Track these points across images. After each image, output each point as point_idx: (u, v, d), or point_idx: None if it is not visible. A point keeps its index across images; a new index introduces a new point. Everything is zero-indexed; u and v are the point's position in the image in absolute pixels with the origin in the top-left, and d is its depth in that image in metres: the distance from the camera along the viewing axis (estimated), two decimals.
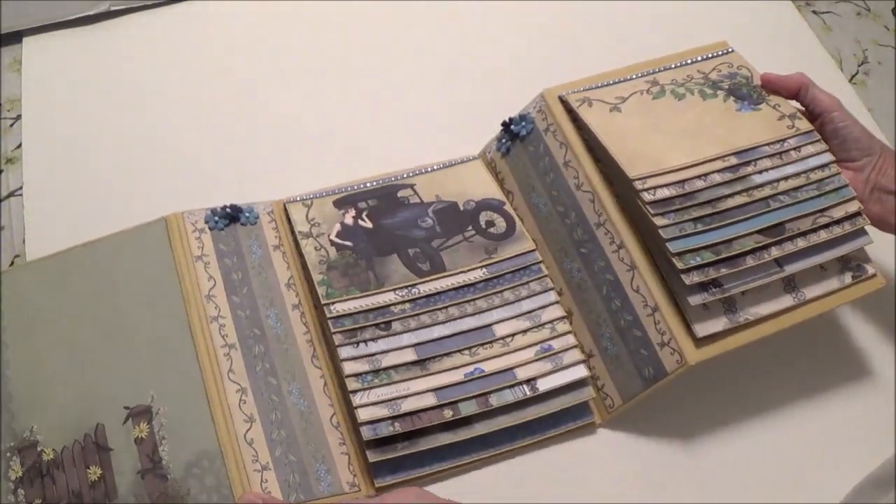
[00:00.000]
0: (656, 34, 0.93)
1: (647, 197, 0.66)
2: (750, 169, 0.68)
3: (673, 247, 0.64)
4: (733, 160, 0.68)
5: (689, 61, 0.77)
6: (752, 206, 0.66)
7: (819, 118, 0.71)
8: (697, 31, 0.91)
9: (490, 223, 0.75)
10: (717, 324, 0.65)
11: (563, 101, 0.74)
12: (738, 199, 0.66)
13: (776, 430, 0.72)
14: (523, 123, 0.76)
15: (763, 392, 0.73)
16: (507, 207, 0.76)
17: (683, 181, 0.67)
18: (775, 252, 0.66)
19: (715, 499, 0.68)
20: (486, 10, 0.95)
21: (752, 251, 0.65)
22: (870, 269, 0.69)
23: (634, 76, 0.76)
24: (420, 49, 0.92)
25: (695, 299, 0.64)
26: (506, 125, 0.78)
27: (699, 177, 0.67)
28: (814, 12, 1.00)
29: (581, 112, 0.72)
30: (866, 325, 0.77)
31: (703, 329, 0.65)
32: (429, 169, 0.79)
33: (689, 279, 0.64)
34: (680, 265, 0.64)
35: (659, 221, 0.65)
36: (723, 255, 0.65)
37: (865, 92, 0.94)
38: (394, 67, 0.90)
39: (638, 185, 0.66)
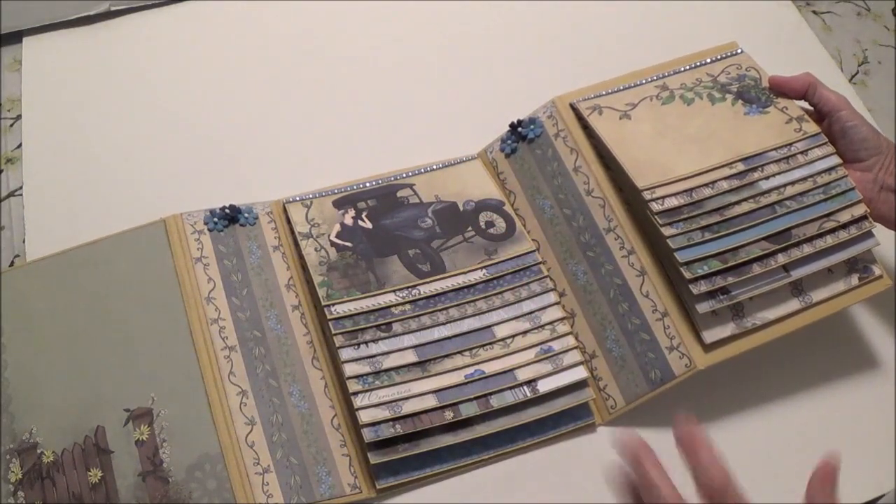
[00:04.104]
0: (657, 33, 0.93)
1: (656, 207, 0.66)
2: (757, 175, 0.68)
3: (681, 256, 0.65)
4: (740, 166, 0.68)
5: (698, 64, 0.77)
6: (759, 213, 0.67)
7: (827, 118, 0.71)
8: (697, 31, 0.92)
9: (490, 223, 0.74)
10: (725, 329, 0.66)
11: (574, 109, 0.74)
12: (745, 206, 0.67)
13: (779, 430, 0.72)
14: (532, 126, 0.76)
15: (765, 391, 0.73)
16: (507, 207, 0.76)
17: (691, 189, 0.67)
18: (782, 259, 0.66)
19: None
20: (485, 11, 0.95)
21: (759, 258, 0.66)
22: (876, 271, 0.69)
23: (644, 81, 0.76)
24: (419, 50, 0.92)
25: (703, 307, 0.65)
26: (513, 126, 0.78)
27: (707, 184, 0.67)
28: (814, 12, 1.00)
29: (591, 120, 0.72)
30: (875, 325, 0.77)
31: (711, 335, 0.66)
32: (428, 168, 0.79)
33: (696, 288, 0.65)
34: (688, 275, 0.64)
35: (667, 231, 0.66)
36: (729, 264, 0.65)
37: (865, 92, 0.94)
38: (392, 68, 0.90)
39: (647, 195, 0.67)
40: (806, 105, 0.73)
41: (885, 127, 0.90)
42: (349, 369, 0.65)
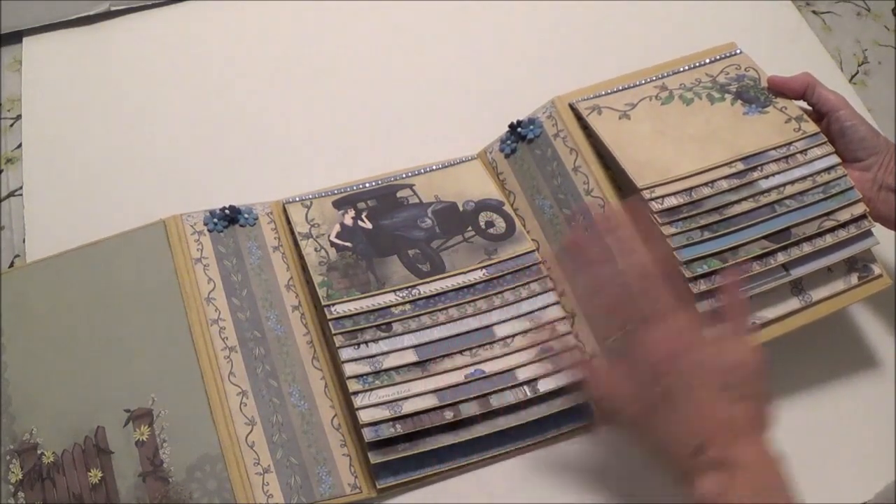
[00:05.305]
0: (656, 33, 0.93)
1: (656, 206, 0.66)
2: (756, 174, 0.68)
3: (681, 255, 0.65)
4: (740, 166, 0.68)
5: (697, 64, 0.77)
6: (759, 212, 0.67)
7: (826, 117, 0.71)
8: (697, 31, 0.91)
9: (490, 223, 0.75)
10: None
11: (573, 109, 0.74)
12: (745, 206, 0.67)
13: (778, 428, 0.72)
14: (531, 127, 0.76)
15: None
16: (507, 207, 0.76)
17: (691, 189, 0.67)
18: (781, 258, 0.66)
19: None
20: (485, 11, 0.95)
21: (759, 257, 0.66)
22: (876, 270, 0.70)
23: (643, 81, 0.76)
24: (419, 50, 0.92)
25: (702, 306, 0.65)
26: (513, 127, 0.78)
27: (706, 184, 0.68)
28: (814, 12, 1.00)
29: (591, 120, 0.72)
30: (874, 324, 0.77)
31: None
32: (428, 169, 0.79)
33: (696, 287, 0.65)
34: (687, 273, 0.65)
35: (667, 230, 0.66)
36: (729, 263, 0.65)
37: (865, 92, 0.94)
38: (392, 68, 0.90)
39: (646, 194, 0.67)
40: (805, 105, 0.73)
41: (884, 127, 0.90)
42: (349, 369, 0.65)
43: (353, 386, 0.65)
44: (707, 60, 0.77)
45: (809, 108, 0.73)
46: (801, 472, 0.70)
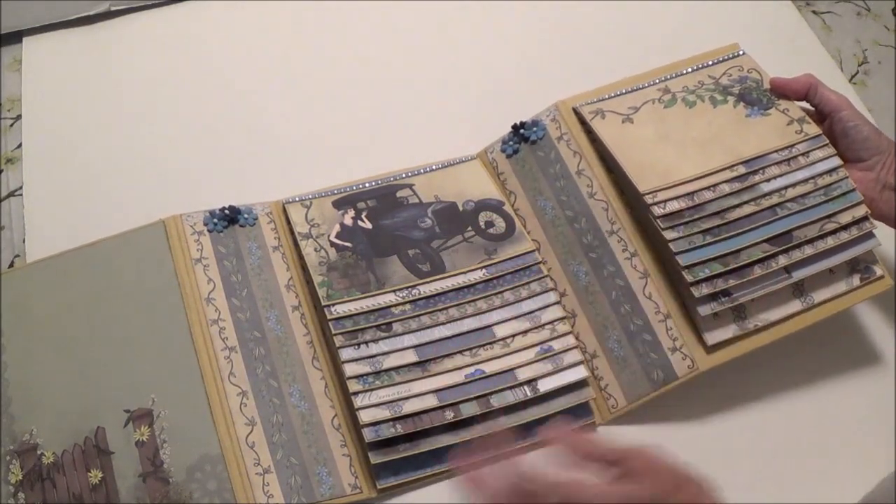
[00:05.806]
0: (655, 34, 0.93)
1: (658, 211, 0.66)
2: (758, 177, 0.68)
3: (682, 260, 0.65)
4: (742, 169, 0.68)
5: (700, 66, 0.77)
6: (760, 215, 0.67)
7: (828, 118, 0.71)
8: (697, 32, 0.91)
9: (489, 223, 0.74)
10: (727, 331, 0.67)
11: (577, 113, 0.74)
12: (746, 209, 0.67)
13: (778, 429, 0.72)
14: (535, 129, 0.77)
15: (766, 389, 0.73)
16: (507, 207, 0.76)
17: (692, 193, 0.68)
18: (783, 260, 0.66)
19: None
20: (486, 12, 0.95)
21: (760, 260, 0.66)
22: (878, 271, 0.70)
23: (646, 84, 0.76)
24: (419, 50, 0.92)
25: (704, 309, 0.66)
26: (516, 128, 0.78)
27: (708, 188, 0.68)
28: (814, 12, 1.00)
29: (594, 125, 0.73)
30: (875, 324, 0.77)
31: (713, 337, 0.66)
32: (427, 169, 0.79)
33: (698, 291, 0.65)
34: (689, 278, 0.65)
35: (669, 235, 0.66)
36: (731, 267, 0.65)
37: (865, 92, 0.94)
38: (393, 68, 0.90)
39: (648, 199, 0.67)
40: (807, 106, 0.73)
41: (885, 127, 0.90)
42: (349, 369, 0.65)
43: (353, 386, 0.65)
44: (710, 62, 0.77)
45: (812, 108, 0.73)
46: (802, 468, 0.70)
